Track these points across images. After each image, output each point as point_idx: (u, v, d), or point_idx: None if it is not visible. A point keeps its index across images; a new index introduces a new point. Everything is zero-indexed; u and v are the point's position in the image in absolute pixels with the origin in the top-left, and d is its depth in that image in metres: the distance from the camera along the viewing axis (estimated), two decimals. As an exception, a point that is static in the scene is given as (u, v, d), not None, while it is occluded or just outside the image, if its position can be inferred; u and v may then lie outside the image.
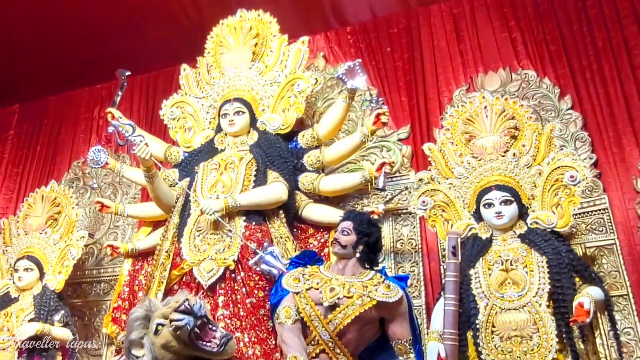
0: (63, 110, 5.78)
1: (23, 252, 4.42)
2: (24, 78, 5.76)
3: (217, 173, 3.84)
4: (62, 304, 4.28)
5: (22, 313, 4.16)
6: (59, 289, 4.28)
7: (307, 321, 3.04)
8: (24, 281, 4.26)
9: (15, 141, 5.90)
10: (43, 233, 4.52)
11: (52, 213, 4.59)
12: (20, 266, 4.30)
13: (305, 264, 3.31)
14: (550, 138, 3.34)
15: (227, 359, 3.14)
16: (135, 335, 3.12)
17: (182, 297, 3.08)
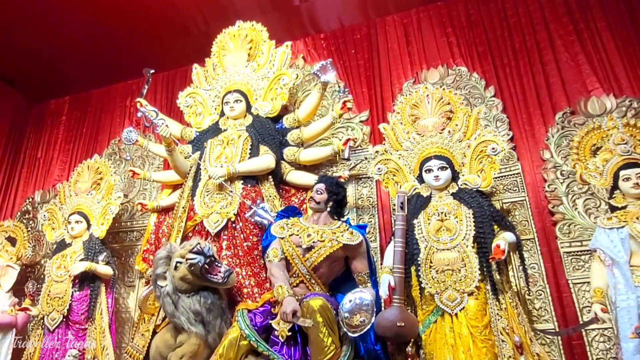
0: (103, 101, 5.61)
1: (74, 209, 4.30)
2: (73, 75, 5.62)
3: (221, 147, 3.74)
4: (104, 248, 4.18)
5: (75, 255, 4.07)
6: (101, 236, 4.18)
7: (289, 259, 3.02)
8: (75, 231, 4.17)
9: (66, 124, 5.71)
10: (89, 194, 4.39)
11: (95, 179, 4.46)
12: (72, 219, 4.20)
13: (289, 216, 3.26)
14: (477, 119, 3.25)
15: (229, 287, 3.12)
16: (159, 271, 3.12)
17: (195, 241, 3.11)
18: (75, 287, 3.97)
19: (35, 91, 5.90)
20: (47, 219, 4.50)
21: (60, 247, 4.22)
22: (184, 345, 2.93)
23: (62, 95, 5.89)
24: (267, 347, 2.77)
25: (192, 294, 3.02)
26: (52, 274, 4.06)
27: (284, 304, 2.74)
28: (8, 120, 5.86)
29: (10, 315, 4.18)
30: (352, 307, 2.72)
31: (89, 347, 3.81)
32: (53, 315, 3.90)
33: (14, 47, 5.21)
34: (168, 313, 3.04)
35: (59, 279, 4.01)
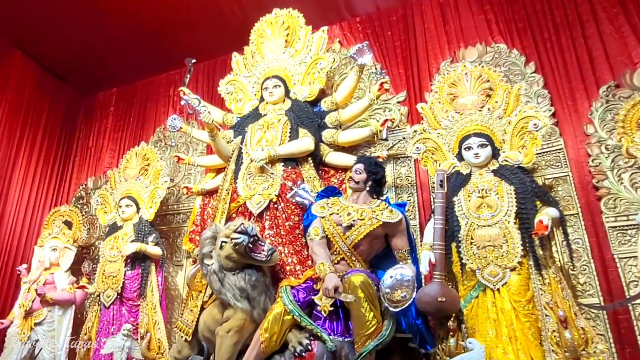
0: (147, 91, 5.76)
1: (124, 193, 4.46)
2: (119, 68, 5.79)
3: (261, 132, 3.78)
4: (153, 229, 4.34)
5: (126, 236, 4.23)
6: (150, 219, 4.34)
7: (330, 237, 3.03)
8: (126, 214, 4.33)
9: (114, 115, 5.92)
10: (138, 180, 4.54)
11: (143, 165, 4.60)
12: (123, 203, 4.36)
13: (329, 196, 3.27)
14: (517, 95, 3.16)
15: (272, 265, 3.17)
16: (206, 250, 3.18)
17: (238, 222, 3.14)
18: (128, 266, 4.13)
19: (84, 85, 6.13)
20: (100, 204, 4.69)
21: (112, 230, 4.40)
22: (231, 320, 2.99)
23: (110, 87, 6.09)
24: (310, 322, 2.81)
25: (237, 271, 3.06)
26: (106, 255, 4.24)
27: (326, 280, 2.75)
28: (61, 113, 6.12)
29: (69, 292, 4.40)
30: (393, 282, 2.71)
31: (142, 322, 3.98)
32: (108, 293, 4.08)
33: (64, 44, 5.41)
34: (215, 290, 3.10)
35: (112, 259, 4.18)
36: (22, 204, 5.52)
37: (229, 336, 2.95)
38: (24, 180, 5.59)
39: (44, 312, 4.29)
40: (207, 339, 3.20)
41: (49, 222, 4.93)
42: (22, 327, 4.26)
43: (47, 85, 5.96)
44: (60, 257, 4.61)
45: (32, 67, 5.77)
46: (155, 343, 3.87)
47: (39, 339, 4.17)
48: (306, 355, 2.75)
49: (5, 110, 5.42)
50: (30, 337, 4.20)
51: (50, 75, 6.00)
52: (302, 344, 2.77)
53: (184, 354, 3.33)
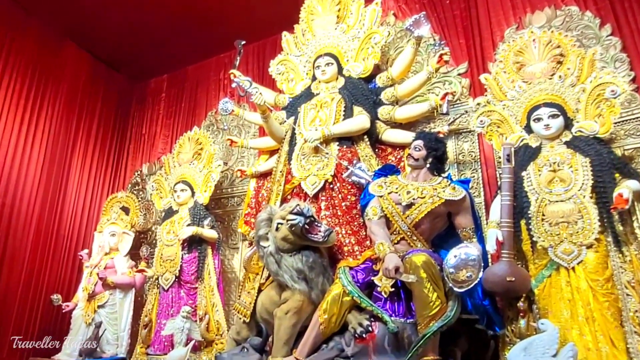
0: (198, 76, 5.95)
1: (179, 178, 4.65)
2: (170, 54, 6.00)
3: (315, 111, 3.83)
4: (209, 213, 4.52)
5: (182, 220, 4.43)
6: (205, 202, 4.51)
7: (389, 217, 3.05)
8: (181, 198, 4.53)
9: (166, 101, 6.17)
10: (191, 164, 4.73)
11: (196, 150, 4.77)
12: (178, 188, 4.56)
13: (387, 175, 3.28)
14: (592, 61, 3.03)
15: (329, 246, 3.23)
16: (262, 232, 3.25)
17: (294, 203, 3.18)
18: (185, 250, 4.34)
19: (136, 73, 6.42)
20: (155, 189, 4.93)
21: (168, 214, 4.62)
22: (289, 302, 3.08)
23: (161, 74, 6.35)
24: (370, 303, 2.85)
25: (294, 253, 3.14)
26: (163, 239, 4.47)
27: (386, 261, 2.78)
28: (114, 101, 6.46)
29: (129, 276, 4.69)
30: (457, 262, 2.69)
31: (200, 304, 4.18)
32: (166, 276, 4.30)
33: (115, 33, 5.68)
34: (272, 272, 3.20)
35: (169, 243, 4.40)
36: (81, 191, 5.90)
37: (287, 317, 3.04)
38: (82, 169, 5.97)
39: (106, 295, 4.60)
40: (265, 320, 3.31)
41: (107, 208, 5.23)
42: (86, 310, 4.60)
43: (100, 75, 6.30)
44: (119, 242, 4.90)
45: (86, 58, 6.12)
46: (214, 325, 4.06)
47: (103, 321, 4.46)
48: (367, 336, 2.79)
49: (61, 101, 5.79)
50: (94, 319, 4.51)
51: (102, 64, 6.34)
52: (362, 325, 2.82)
53: (242, 336, 3.46)
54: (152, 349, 4.22)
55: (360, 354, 2.80)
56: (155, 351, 4.17)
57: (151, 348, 4.23)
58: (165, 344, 4.13)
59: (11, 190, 5.16)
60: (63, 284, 5.49)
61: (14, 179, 5.21)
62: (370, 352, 2.78)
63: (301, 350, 2.91)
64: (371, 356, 2.78)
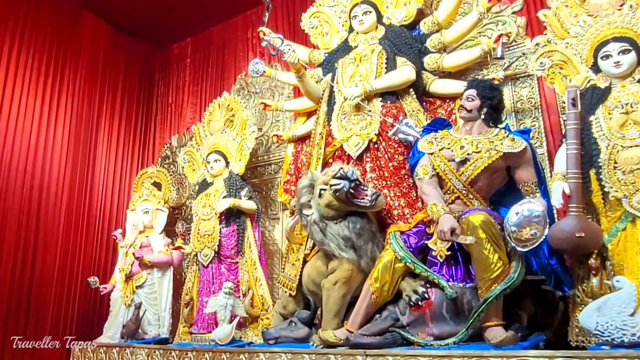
0: (224, 37, 6.03)
1: (211, 148, 4.79)
2: (192, 16, 6.08)
3: (354, 66, 3.85)
4: (245, 183, 4.67)
5: (217, 193, 4.58)
6: (241, 172, 4.66)
7: (442, 175, 3.08)
8: (215, 169, 4.66)
9: (192, 67, 6.33)
10: (224, 132, 4.85)
11: (228, 117, 4.88)
12: (211, 159, 4.70)
13: (437, 130, 3.30)
14: (668, -13, 2.91)
15: (377, 210, 3.29)
16: (304, 200, 3.33)
17: (337, 167, 3.23)
18: (222, 223, 4.51)
19: (157, 38, 6.57)
20: (187, 162, 5.09)
21: (202, 187, 4.78)
22: (337, 272, 3.18)
23: (184, 37, 6.48)
24: (424, 268, 2.91)
25: (339, 220, 3.22)
26: (199, 213, 4.65)
27: (441, 222, 2.82)
28: (137, 71, 6.66)
29: (166, 254, 4.91)
30: (519, 219, 2.70)
31: (243, 279, 4.36)
32: (205, 252, 4.50)
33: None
34: (317, 241, 3.30)
35: (205, 217, 4.58)
36: (109, 168, 6.17)
37: (336, 288, 3.15)
38: (109, 144, 6.23)
39: (144, 275, 4.84)
40: (313, 292, 3.43)
41: (138, 184, 5.46)
42: (124, 291, 4.87)
43: (120, 44, 6.48)
44: (153, 220, 5.13)
45: (104, 26, 6.30)
46: (258, 300, 4.24)
47: (142, 302, 4.71)
48: (423, 304, 2.86)
49: (82, 75, 6.01)
50: (133, 300, 4.77)
51: (121, 33, 6.51)
52: (417, 293, 2.89)
53: (289, 309, 3.61)
54: (195, 327, 4.43)
55: (417, 323, 2.88)
56: (199, 330, 4.38)
57: (194, 327, 4.45)
58: (209, 322, 4.33)
59: (38, 172, 5.45)
60: (99, 266, 5.81)
61: (40, 161, 5.48)
62: (428, 320, 2.85)
63: (353, 322, 3.01)
64: (428, 324, 2.85)
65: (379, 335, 2.86)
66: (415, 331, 2.86)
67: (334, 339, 2.97)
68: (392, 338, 2.84)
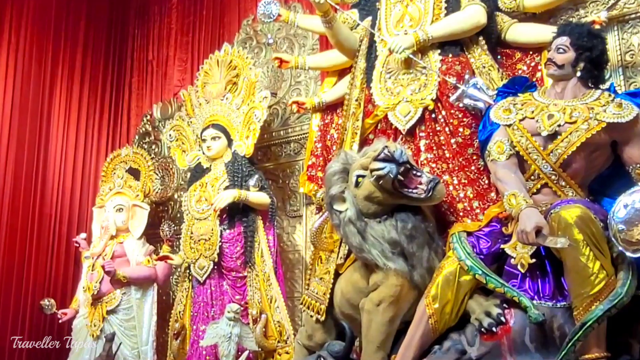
0: (223, -33, 6.09)
1: (207, 121, 4.95)
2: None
3: (402, 5, 3.93)
4: (255, 169, 4.81)
5: (217, 182, 4.75)
6: (248, 153, 4.79)
7: (523, 155, 3.16)
8: (213, 150, 4.82)
9: (180, 9, 6.39)
10: (224, 99, 5.00)
11: (230, 77, 5.02)
12: (207, 135, 4.84)
13: (516, 92, 3.37)
14: None
15: (436, 203, 3.38)
16: (335, 190, 3.43)
17: (380, 145, 3.28)
18: (224, 224, 4.68)
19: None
20: (175, 140, 5.24)
21: (196, 175, 4.94)
22: (381, 288, 3.29)
23: (167, -32, 6.52)
24: (500, 282, 3.00)
25: (384, 217, 3.33)
26: (192, 211, 4.82)
27: (522, 219, 2.89)
28: (104, 18, 6.76)
29: (147, 267, 5.09)
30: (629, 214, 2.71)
31: (253, 300, 4.48)
32: (201, 263, 4.66)
33: None
34: (353, 247, 3.40)
35: (201, 215, 4.75)
36: (68, 150, 6.30)
37: (380, 311, 3.27)
38: (67, 117, 6.35)
39: (117, 295, 5.03)
40: (348, 316, 3.54)
41: (108, 172, 5.66)
42: (91, 318, 5.03)
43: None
44: (129, 220, 5.31)
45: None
46: (274, 327, 4.39)
47: (116, 332, 4.85)
48: (499, 330, 2.94)
49: (28, 22, 6.09)
50: (103, 330, 4.95)
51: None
52: (490, 315, 2.98)
53: (316, 340, 3.72)
54: (188, 366, 4.59)
55: (490, 357, 2.96)
56: (193, 370, 4.54)
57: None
58: (208, 359, 4.49)
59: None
60: (55, 284, 5.96)
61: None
62: (505, 351, 2.93)
63: (404, 356, 3.12)
64: (506, 358, 2.94)
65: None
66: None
67: (378, 379, 3.10)
68: (456, 378, 2.96)
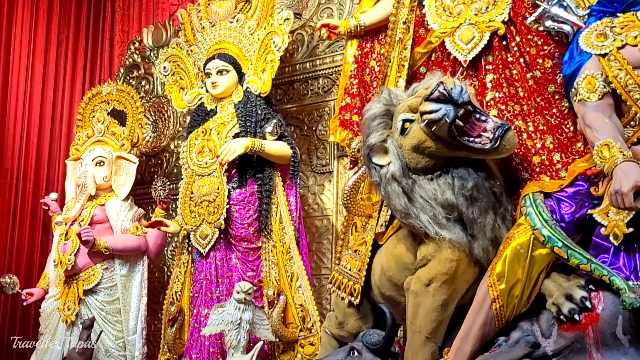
0: None
1: (213, 51, 4.99)
2: None
3: None
4: (272, 112, 4.84)
5: (224, 128, 4.79)
6: (265, 92, 4.82)
7: (621, 93, 3.16)
8: (220, 87, 4.87)
9: None
10: (234, 21, 5.04)
11: (241, -7, 5.04)
12: (212, 68, 4.89)
13: (614, 12, 3.34)
14: None
15: (504, 156, 3.41)
16: (375, 139, 3.48)
17: (434, 81, 3.27)
18: (233, 181, 4.75)
19: None
20: (171, 74, 5.29)
21: (198, 119, 5.00)
22: (432, 264, 3.36)
23: None
24: (587, 258, 3.03)
25: (437, 174, 3.37)
26: (192, 165, 4.88)
27: (617, 177, 2.89)
28: None
29: (135, 236, 5.20)
30: None
31: (268, 277, 4.56)
32: (203, 231, 4.74)
33: None
34: (397, 211, 3.45)
35: (203, 171, 4.82)
36: (34, 87, 6.42)
37: (430, 292, 3.33)
38: (32, 45, 6.44)
39: (98, 271, 5.16)
40: (389, 299, 3.63)
41: (85, 115, 5.77)
42: (64, 300, 5.15)
43: None
44: (112, 176, 5.41)
45: None
46: (296, 312, 4.47)
47: (95, 318, 4.92)
48: (582, 318, 2.98)
49: None
50: (79, 314, 5.07)
51: None
52: (572, 300, 3.00)
53: (349, 328, 3.81)
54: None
55: (571, 352, 3.00)
56: (193, 365, 4.66)
57: (185, 359, 4.70)
58: (211, 351, 4.60)
59: None
60: (19, 256, 6.11)
61: None
62: (590, 345, 2.96)
63: (460, 350, 3.20)
64: (591, 354, 2.98)
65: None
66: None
67: (426, 379, 3.18)
68: (527, 377, 3.00)
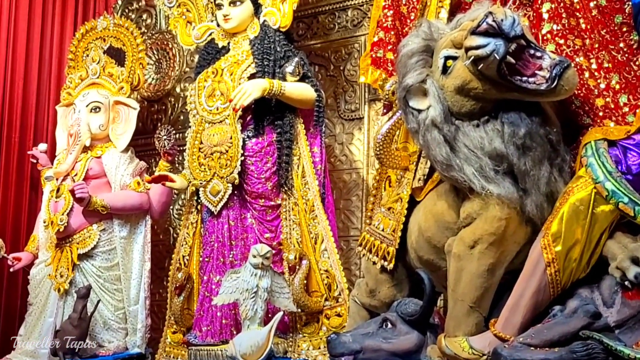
0: None
1: (225, -23, 4.98)
2: None
3: None
4: (294, 49, 4.89)
5: (238, 68, 4.86)
6: (285, 25, 4.89)
7: None
8: (233, 20, 4.93)
9: None
10: (248, -58, 5.04)
11: None
12: (224, -1, 4.92)
13: None
14: None
15: (562, 98, 3.43)
16: (412, 79, 3.50)
17: (481, 11, 3.28)
18: (249, 129, 4.82)
19: None
20: (176, 5, 5.34)
21: (208, 58, 5.08)
22: (477, 222, 3.41)
23: None
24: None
25: (484, 119, 3.40)
26: (201, 110, 4.95)
27: None
28: None
29: (137, 192, 5.30)
30: None
31: (289, 239, 4.65)
32: (215, 186, 4.82)
33: None
34: (438, 162, 3.48)
35: (214, 117, 4.89)
36: (18, 23, 6.50)
37: (475, 255, 3.38)
38: None
39: (94, 233, 5.27)
40: (428, 263, 3.69)
41: (78, 54, 5.86)
42: (56, 265, 5.27)
43: None
44: (109, 124, 5.50)
45: None
46: (320, 279, 4.55)
47: (92, 286, 5.08)
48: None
49: None
50: (74, 281, 5.19)
51: None
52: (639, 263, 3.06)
53: (381, 297, 3.88)
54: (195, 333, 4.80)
55: (638, 322, 3.04)
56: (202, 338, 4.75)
57: (194, 332, 4.81)
58: (223, 323, 4.70)
59: None
60: (4, 217, 6.22)
61: None
62: None
63: (508, 320, 3.25)
64: None
65: (561, 345, 3.02)
66: (632, 339, 3.03)
67: (469, 354, 3.23)
68: (586, 352, 3.03)
